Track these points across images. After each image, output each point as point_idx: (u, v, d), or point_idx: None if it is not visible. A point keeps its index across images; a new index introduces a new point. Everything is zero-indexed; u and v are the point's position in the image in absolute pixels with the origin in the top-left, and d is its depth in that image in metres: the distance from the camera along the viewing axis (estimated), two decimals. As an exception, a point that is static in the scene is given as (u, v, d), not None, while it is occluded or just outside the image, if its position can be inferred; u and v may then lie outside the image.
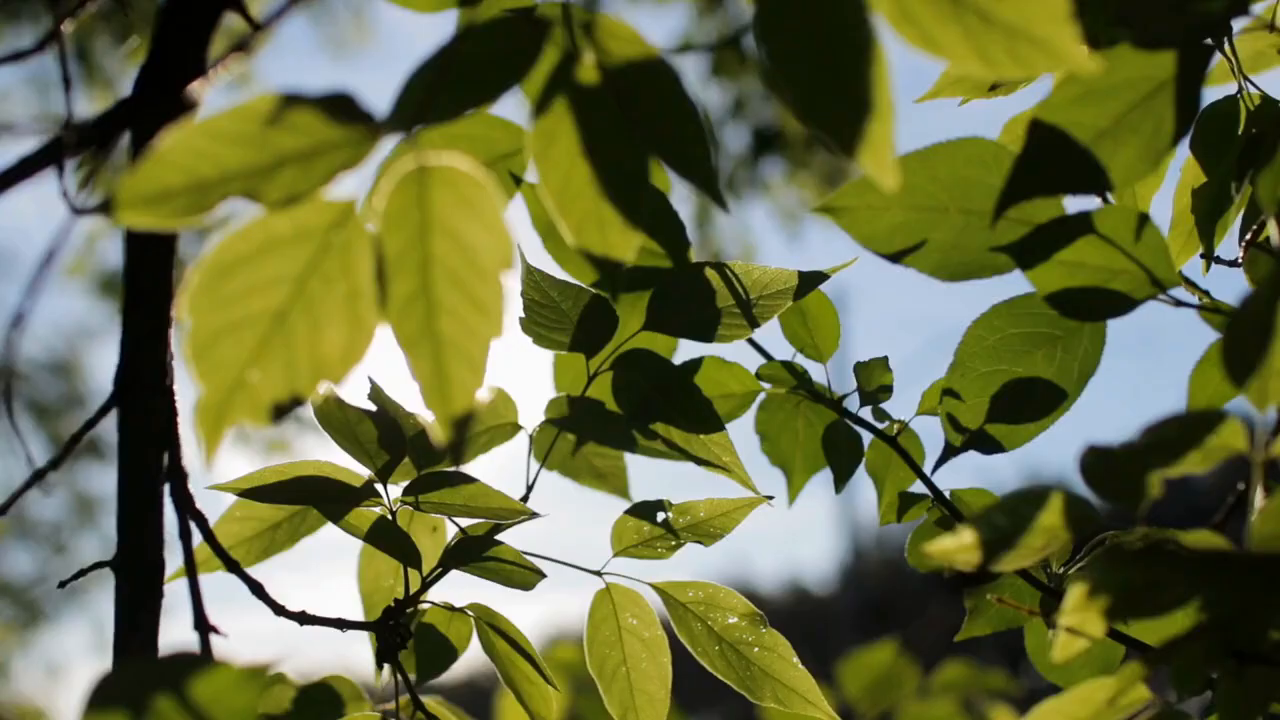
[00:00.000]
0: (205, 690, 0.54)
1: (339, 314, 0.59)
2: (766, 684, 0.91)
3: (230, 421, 0.60)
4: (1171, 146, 0.70)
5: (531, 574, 0.86)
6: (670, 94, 0.64)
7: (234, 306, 0.59)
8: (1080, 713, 0.69)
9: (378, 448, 0.83)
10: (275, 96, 0.56)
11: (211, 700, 0.54)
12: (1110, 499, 0.67)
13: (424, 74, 0.61)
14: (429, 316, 0.59)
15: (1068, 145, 0.69)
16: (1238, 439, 0.65)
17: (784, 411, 1.00)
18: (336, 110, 0.56)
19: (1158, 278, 0.74)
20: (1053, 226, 0.73)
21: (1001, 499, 0.68)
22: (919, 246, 0.75)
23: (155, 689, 0.53)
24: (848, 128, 0.59)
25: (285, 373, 0.60)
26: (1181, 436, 0.65)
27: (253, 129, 0.56)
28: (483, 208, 0.58)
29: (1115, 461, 0.65)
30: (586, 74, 0.64)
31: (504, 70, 0.63)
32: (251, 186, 0.57)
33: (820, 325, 0.95)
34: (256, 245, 0.58)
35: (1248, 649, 0.66)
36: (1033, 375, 0.82)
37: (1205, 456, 0.66)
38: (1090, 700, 0.69)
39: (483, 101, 0.63)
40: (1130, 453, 0.65)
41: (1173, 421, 0.65)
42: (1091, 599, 0.64)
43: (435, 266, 0.59)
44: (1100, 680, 0.68)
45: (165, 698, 0.53)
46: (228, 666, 0.54)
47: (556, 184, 0.65)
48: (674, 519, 0.91)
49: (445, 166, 0.58)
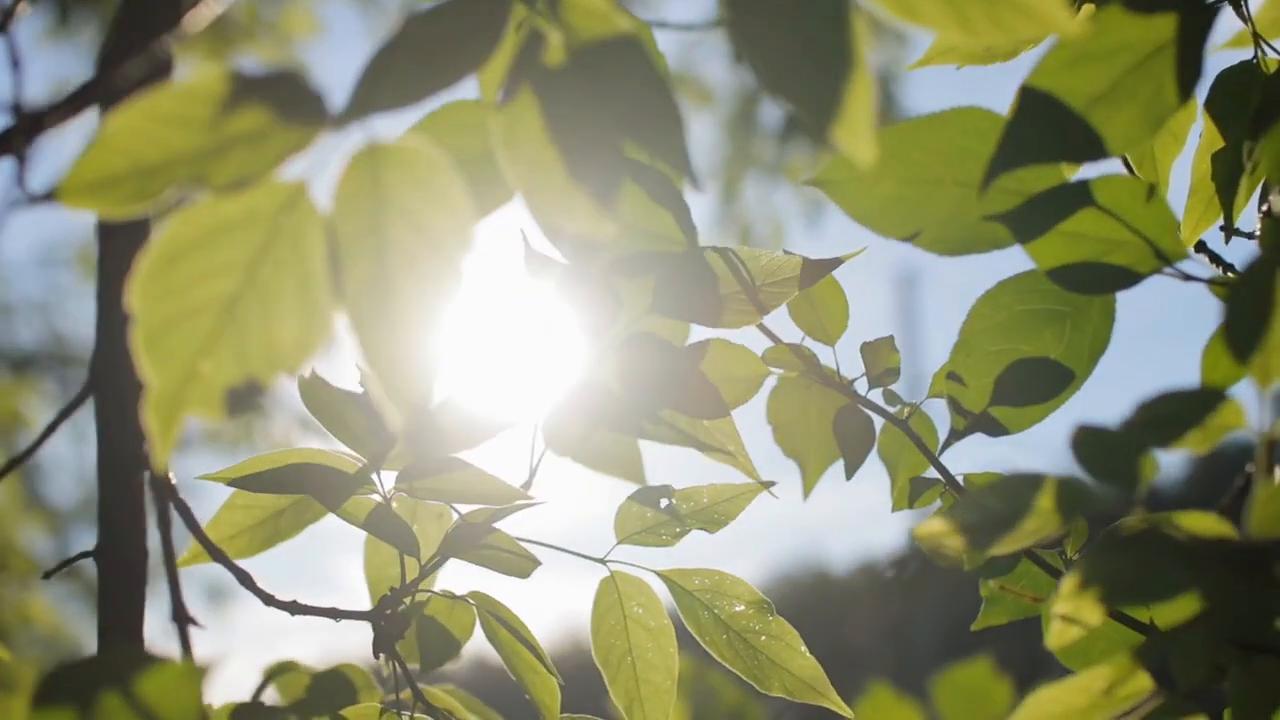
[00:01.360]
0: (150, 687, 0.53)
1: (292, 301, 0.58)
2: (775, 673, 0.89)
3: (184, 414, 0.58)
4: (1173, 112, 0.67)
5: (527, 561, 0.84)
6: (640, 72, 0.62)
7: (183, 295, 0.57)
8: (1078, 703, 0.67)
9: (368, 434, 0.81)
10: (220, 76, 0.54)
11: (156, 697, 0.52)
12: (1104, 480, 0.64)
13: (381, 58, 0.59)
14: (384, 302, 0.57)
15: (1060, 111, 0.66)
16: (1238, 417, 0.62)
17: (796, 400, 0.97)
18: (283, 90, 0.55)
19: (1162, 250, 0.71)
20: (1050, 197, 0.70)
21: (994, 481, 0.65)
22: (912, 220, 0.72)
23: (101, 685, 0.52)
24: (821, 100, 0.57)
25: (238, 363, 0.58)
26: (1179, 414, 0.62)
27: (198, 111, 0.54)
28: (440, 188, 0.57)
29: (1108, 441, 0.62)
30: (553, 54, 0.62)
31: (465, 53, 0.61)
32: (199, 170, 0.56)
33: (827, 307, 0.93)
34: (205, 231, 0.57)
35: (1251, 638, 0.63)
36: (1042, 353, 0.79)
37: (1206, 436, 0.63)
38: (1088, 690, 0.66)
39: (444, 85, 0.61)
40: (1124, 432, 0.62)
41: (1169, 398, 0.62)
42: (1085, 586, 0.61)
43: (392, 250, 0.57)
44: (1098, 669, 0.66)
45: (111, 694, 0.52)
46: (172, 664, 0.53)
47: (525, 167, 0.63)
48: (677, 505, 0.89)
49: (399, 146, 0.56)
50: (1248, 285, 0.60)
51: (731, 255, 0.87)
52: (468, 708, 1.02)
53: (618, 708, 0.92)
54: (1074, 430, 0.63)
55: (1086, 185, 0.70)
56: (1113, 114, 0.67)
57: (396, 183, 0.56)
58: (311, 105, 0.55)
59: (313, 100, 0.55)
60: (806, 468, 1.00)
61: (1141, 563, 0.59)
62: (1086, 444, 0.62)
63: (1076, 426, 0.63)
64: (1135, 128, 0.67)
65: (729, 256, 0.88)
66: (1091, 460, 0.63)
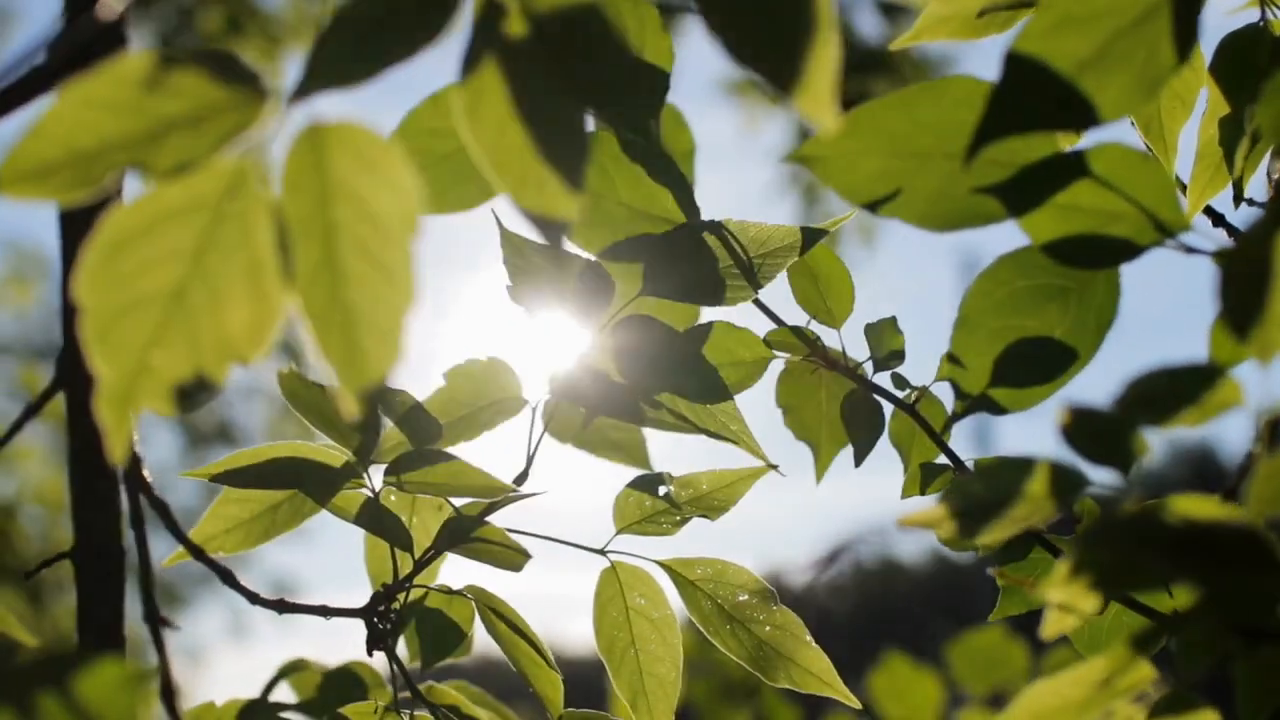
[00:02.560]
0: (89, 690, 0.51)
1: (241, 288, 0.56)
2: (780, 664, 0.87)
3: (136, 408, 0.57)
4: (1168, 76, 0.64)
5: (518, 555, 0.82)
6: (605, 41, 0.60)
7: (130, 285, 0.56)
8: (1075, 695, 0.64)
9: (350, 426, 0.80)
10: (147, 58, 0.52)
11: (96, 700, 0.51)
12: (1096, 462, 0.61)
13: (333, 32, 0.57)
14: (336, 287, 0.56)
15: (1047, 77, 0.63)
16: (1236, 394, 0.59)
17: (805, 382, 0.95)
18: (218, 70, 0.53)
19: (1162, 221, 0.68)
20: (1042, 168, 0.67)
21: (981, 466, 0.62)
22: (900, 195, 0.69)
23: (40, 687, 0.51)
24: (784, 67, 0.55)
25: (189, 354, 0.57)
26: (1172, 391, 0.59)
27: (130, 94, 0.53)
28: (386, 168, 0.55)
29: (1097, 421, 0.59)
30: (514, 25, 0.60)
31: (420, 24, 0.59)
32: (138, 155, 0.54)
33: (832, 288, 0.90)
34: (148, 218, 0.55)
35: (1254, 626, 0.60)
36: (1046, 329, 0.76)
37: (1202, 413, 0.60)
38: (1085, 681, 0.63)
39: (400, 58, 0.59)
40: (1113, 411, 0.59)
41: (1161, 375, 0.59)
42: (1076, 573, 0.59)
43: (339, 233, 0.55)
44: (1095, 661, 0.63)
45: (49, 696, 0.51)
46: (112, 666, 0.52)
47: (489, 144, 0.61)
48: (676, 492, 0.87)
49: (342, 125, 0.54)
50: (1243, 255, 0.57)
51: (722, 229, 0.85)
52: (479, 703, 1.01)
53: (622, 701, 0.90)
54: (1061, 410, 0.60)
55: (1080, 155, 0.67)
56: (1104, 79, 0.64)
57: (341, 164, 0.54)
58: (247, 85, 0.53)
59: (248, 80, 0.53)
60: (819, 451, 0.97)
61: (1132, 549, 0.57)
62: (1075, 425, 0.60)
63: (1064, 407, 0.60)
64: (1128, 93, 0.64)
65: (719, 230, 0.85)
66: (1081, 442, 0.60)
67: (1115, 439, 0.59)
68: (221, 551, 0.90)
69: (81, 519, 0.71)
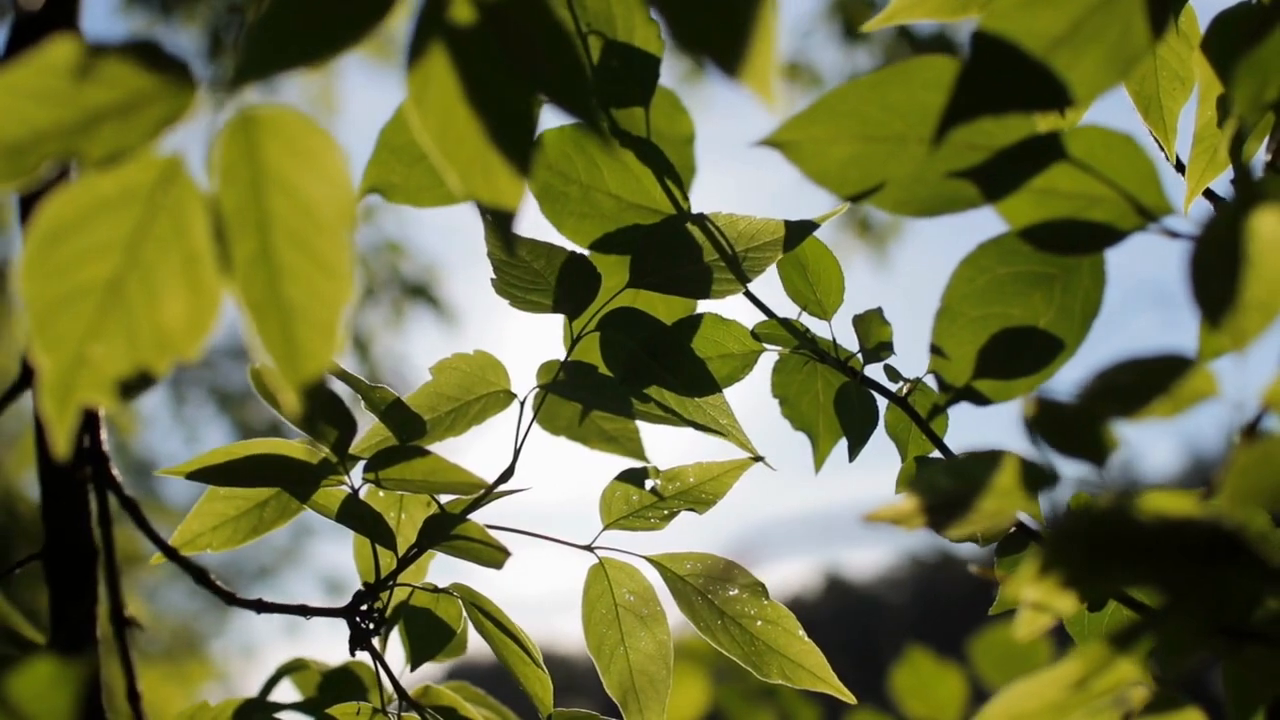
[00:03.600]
0: (22, 689, 0.50)
1: (178, 280, 0.55)
2: (772, 659, 0.85)
3: (77, 399, 0.56)
4: (1143, 54, 0.62)
5: (499, 552, 0.81)
6: (545, 24, 0.58)
7: (67, 276, 0.55)
8: (1053, 697, 0.62)
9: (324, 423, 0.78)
10: (73, 48, 0.51)
11: (28, 699, 0.50)
12: (1068, 455, 0.59)
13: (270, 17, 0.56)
14: (273, 280, 0.54)
15: (1017, 57, 0.61)
16: (1210, 384, 0.57)
17: (801, 372, 0.93)
18: (144, 59, 0.52)
19: (1144, 205, 0.65)
20: (1018, 151, 0.65)
21: (949, 459, 0.60)
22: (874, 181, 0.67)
23: (-33, 687, 0.50)
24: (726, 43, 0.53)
25: (128, 346, 0.56)
26: (1142, 382, 0.57)
27: (59, 84, 0.52)
28: (319, 159, 0.54)
29: (1064, 413, 0.57)
30: (461, 11, 0.59)
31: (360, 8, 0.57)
32: (70, 145, 0.53)
33: (822, 279, 0.88)
34: (83, 209, 0.54)
35: (1235, 625, 0.58)
36: (1031, 317, 0.73)
37: (1174, 404, 0.57)
38: (1062, 682, 0.61)
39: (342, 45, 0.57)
40: (1081, 403, 0.57)
41: (1130, 366, 0.57)
42: (1045, 571, 0.57)
43: (274, 225, 0.54)
44: (1070, 662, 0.61)
45: (-24, 696, 0.50)
46: (45, 665, 0.51)
47: (436, 129, 0.60)
48: (663, 486, 0.85)
49: (274, 115, 0.53)
50: (1212, 239, 0.55)
51: (708, 222, 0.83)
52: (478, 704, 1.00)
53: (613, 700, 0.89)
54: (1028, 403, 0.58)
55: (1057, 137, 0.65)
56: (1076, 58, 0.62)
57: (274, 154, 0.53)
58: (175, 74, 0.52)
59: (175, 69, 0.52)
60: (817, 442, 0.96)
61: (1100, 547, 0.54)
62: (1041, 417, 0.58)
63: (1031, 399, 0.58)
64: (1102, 72, 0.62)
65: (705, 224, 0.83)
66: (1049, 434, 0.58)
67: (1084, 431, 0.57)
68: (210, 549, 0.89)
69: (52, 519, 0.70)
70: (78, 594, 0.71)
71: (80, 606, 0.71)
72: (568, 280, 0.85)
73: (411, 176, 0.94)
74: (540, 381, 0.90)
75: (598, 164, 0.90)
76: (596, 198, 0.90)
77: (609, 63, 0.93)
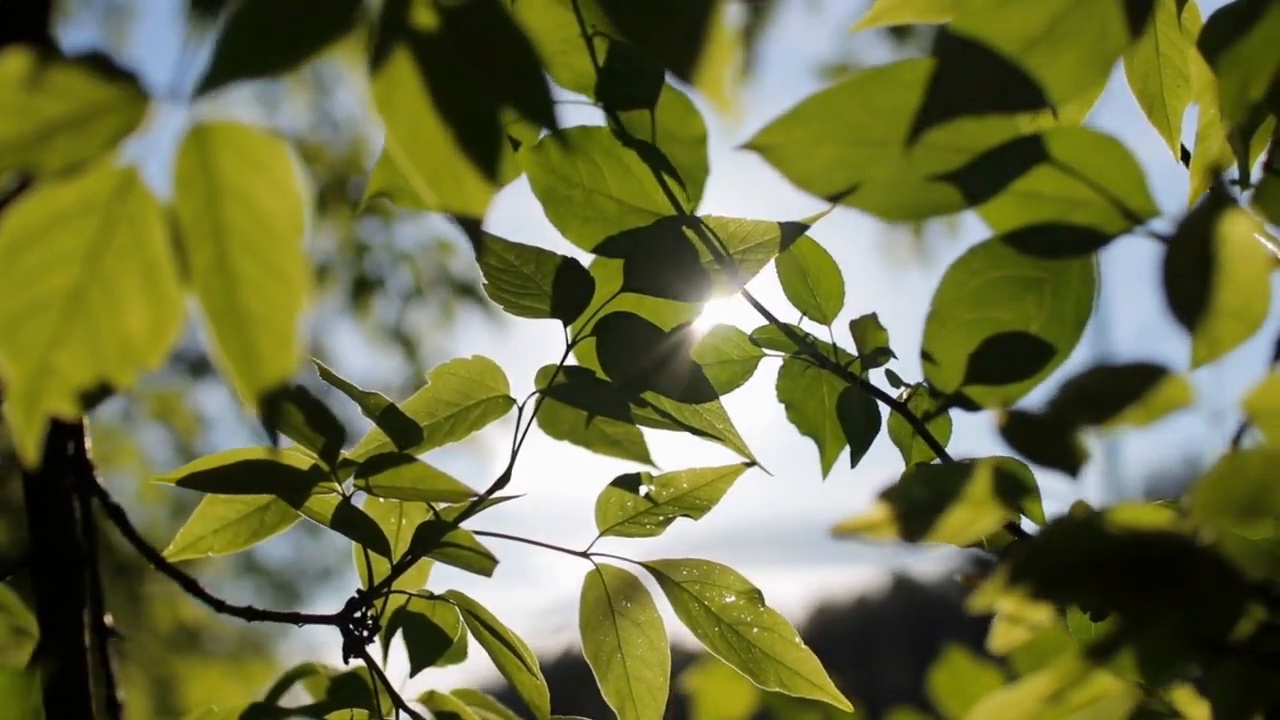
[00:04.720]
0: (-28, 698, 0.50)
1: (138, 290, 0.55)
2: (769, 666, 0.84)
3: (43, 409, 0.56)
4: (1121, 52, 0.60)
5: (487, 560, 0.80)
6: (505, 31, 0.58)
7: (29, 286, 0.55)
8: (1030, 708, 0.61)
9: (312, 430, 0.78)
10: (24, 59, 0.51)
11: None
12: (1040, 464, 0.58)
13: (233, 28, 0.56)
14: (230, 289, 0.54)
15: (987, 56, 0.60)
16: (1184, 393, 0.55)
17: (806, 377, 0.92)
18: (96, 70, 0.52)
19: (1130, 208, 0.64)
20: (1000, 153, 0.64)
21: (923, 468, 0.59)
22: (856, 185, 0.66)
23: (-80, 697, 0.50)
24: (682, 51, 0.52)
25: (91, 356, 0.56)
26: (1113, 390, 0.55)
27: (12, 96, 0.52)
28: (271, 168, 0.53)
29: (1035, 422, 0.56)
30: (423, 17, 0.58)
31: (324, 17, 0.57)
32: (27, 157, 0.53)
33: (822, 284, 0.87)
34: (44, 219, 0.54)
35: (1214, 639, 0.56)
36: (1023, 321, 0.72)
37: (1148, 413, 0.56)
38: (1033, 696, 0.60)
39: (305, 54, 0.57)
40: (1051, 412, 0.56)
41: (1100, 374, 0.56)
42: (1014, 583, 0.55)
43: (230, 234, 0.54)
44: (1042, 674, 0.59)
45: (-71, 706, 0.50)
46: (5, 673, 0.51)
47: (404, 136, 0.59)
48: (657, 492, 0.85)
49: (227, 125, 0.53)
50: (1183, 244, 0.53)
51: (700, 225, 0.83)
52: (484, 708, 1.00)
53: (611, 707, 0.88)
54: (999, 413, 0.57)
55: (1038, 139, 0.64)
56: (1052, 57, 0.60)
57: (228, 164, 0.53)
58: (128, 85, 0.52)
59: (127, 80, 0.52)
60: (824, 446, 0.95)
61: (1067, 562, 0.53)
62: (1012, 426, 0.56)
63: (1000, 410, 0.57)
64: (1080, 71, 0.61)
65: (698, 226, 0.83)
66: (1021, 444, 0.57)
67: (1055, 441, 0.56)
68: (211, 552, 0.89)
69: (38, 527, 0.71)
70: (65, 599, 0.72)
71: (68, 612, 0.71)
72: (561, 285, 0.85)
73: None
74: (538, 386, 0.89)
75: (600, 167, 0.90)
76: (599, 201, 0.90)
77: (613, 65, 0.93)
